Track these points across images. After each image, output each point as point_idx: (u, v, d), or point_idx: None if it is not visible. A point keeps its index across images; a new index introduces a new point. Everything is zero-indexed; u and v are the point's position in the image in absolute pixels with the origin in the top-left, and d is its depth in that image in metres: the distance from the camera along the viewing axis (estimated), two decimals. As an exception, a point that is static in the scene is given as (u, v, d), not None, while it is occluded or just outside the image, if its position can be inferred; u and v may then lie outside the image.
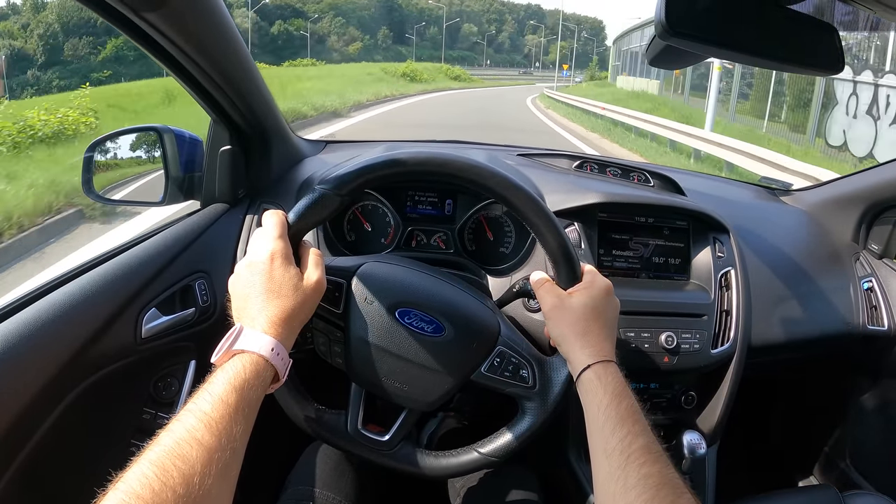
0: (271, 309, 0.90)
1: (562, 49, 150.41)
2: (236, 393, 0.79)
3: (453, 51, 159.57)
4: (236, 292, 0.96)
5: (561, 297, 1.04)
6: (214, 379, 0.81)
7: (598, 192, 1.52)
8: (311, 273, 0.97)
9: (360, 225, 1.57)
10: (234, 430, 0.76)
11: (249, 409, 0.80)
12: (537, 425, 1.06)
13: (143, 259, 1.26)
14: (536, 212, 1.04)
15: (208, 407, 0.76)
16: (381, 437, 1.11)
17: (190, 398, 0.78)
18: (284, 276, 0.93)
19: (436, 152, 1.05)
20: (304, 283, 0.95)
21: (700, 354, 1.43)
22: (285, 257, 0.95)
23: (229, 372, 0.81)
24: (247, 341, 0.86)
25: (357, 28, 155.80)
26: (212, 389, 0.78)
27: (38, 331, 1.01)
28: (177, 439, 0.71)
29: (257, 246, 0.97)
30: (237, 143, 1.45)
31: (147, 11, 0.92)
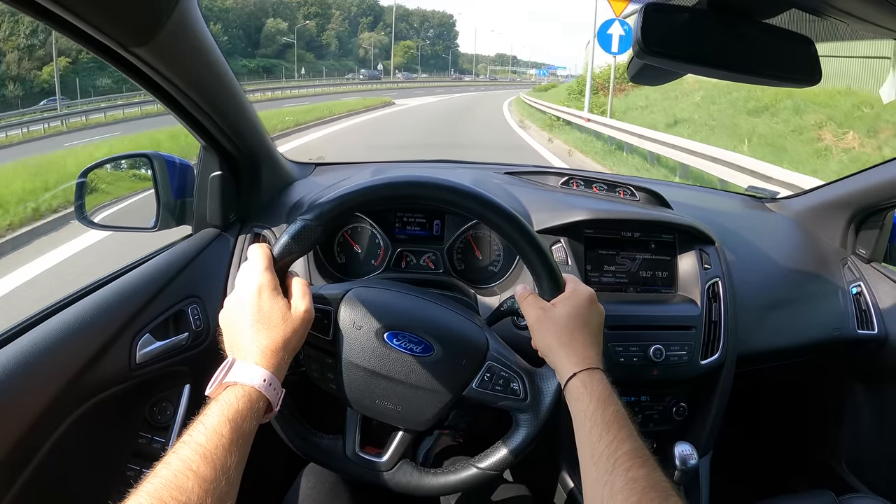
0: (262, 341, 0.92)
1: (408, 50, 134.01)
2: (230, 424, 0.80)
3: (251, 59, 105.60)
4: (227, 326, 0.98)
5: (545, 309, 1.06)
6: (209, 411, 0.83)
7: (583, 208, 1.53)
8: (299, 303, 0.98)
9: (350, 247, 1.59)
10: (229, 461, 0.78)
11: (243, 440, 0.82)
12: (532, 436, 1.07)
13: (136, 285, 1.28)
14: (514, 227, 1.05)
15: (203, 439, 0.78)
16: (379, 458, 1.12)
17: (186, 426, 0.80)
18: (273, 308, 0.95)
19: (413, 176, 1.07)
20: (293, 313, 0.97)
21: (689, 366, 1.44)
22: (272, 289, 0.97)
23: (223, 404, 0.83)
24: (239, 374, 0.88)
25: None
26: (206, 421, 0.80)
27: (33, 358, 1.02)
28: (174, 471, 0.73)
29: (244, 280, 0.99)
30: (227, 168, 1.47)
31: (135, 47, 0.93)
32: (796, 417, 2.18)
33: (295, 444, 1.12)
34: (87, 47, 0.91)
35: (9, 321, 1.10)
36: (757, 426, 2.27)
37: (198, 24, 1.03)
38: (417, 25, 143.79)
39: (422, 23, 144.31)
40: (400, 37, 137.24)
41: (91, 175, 1.53)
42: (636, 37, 0.82)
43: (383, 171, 1.81)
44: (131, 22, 0.89)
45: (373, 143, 15.39)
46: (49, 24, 0.82)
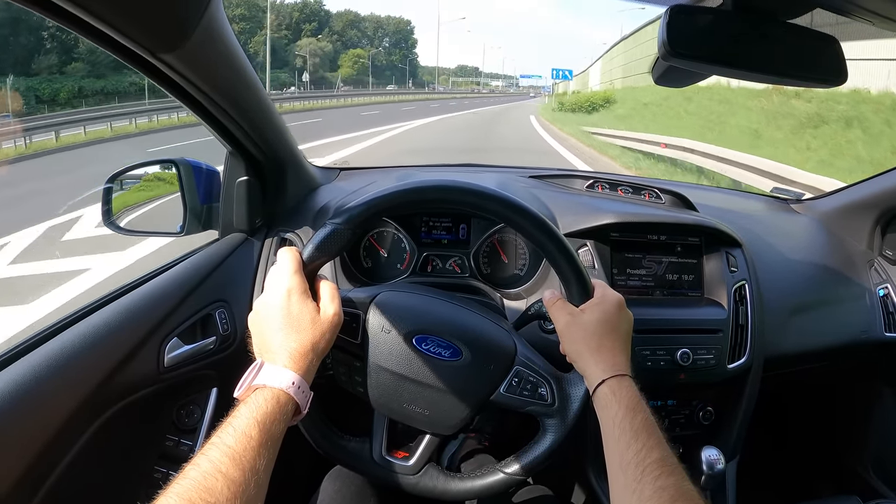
0: (291, 343, 0.92)
1: (358, 59, 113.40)
2: (259, 427, 0.81)
3: (124, 74, 49.94)
4: (256, 329, 0.98)
5: (573, 314, 1.05)
6: (238, 413, 0.83)
7: (610, 212, 1.53)
8: (328, 306, 0.99)
9: (377, 252, 1.60)
10: (258, 463, 0.78)
11: (272, 443, 0.82)
12: (559, 441, 1.08)
13: (164, 289, 1.29)
14: (543, 231, 1.05)
15: (232, 441, 0.78)
16: (406, 462, 1.13)
17: (213, 429, 0.80)
18: (302, 311, 0.95)
19: (441, 180, 1.07)
20: (322, 316, 0.97)
21: (716, 370, 1.43)
22: (302, 293, 0.97)
23: (252, 406, 0.84)
24: (268, 376, 0.89)
25: None
26: (235, 424, 0.81)
27: (63, 361, 1.04)
28: (203, 472, 0.73)
29: (274, 283, 0.99)
30: (253, 173, 1.48)
31: (164, 53, 0.94)
32: (823, 421, 2.16)
33: (322, 447, 1.13)
34: (114, 53, 0.92)
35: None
36: (783, 430, 2.25)
37: (225, 30, 1.04)
38: (371, 33, 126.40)
39: (375, 30, 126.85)
40: (350, 45, 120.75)
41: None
42: (662, 39, 0.82)
43: (409, 176, 1.82)
44: (161, 28, 0.90)
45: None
46: (77, 31, 0.83)
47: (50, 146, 16.60)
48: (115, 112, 23.46)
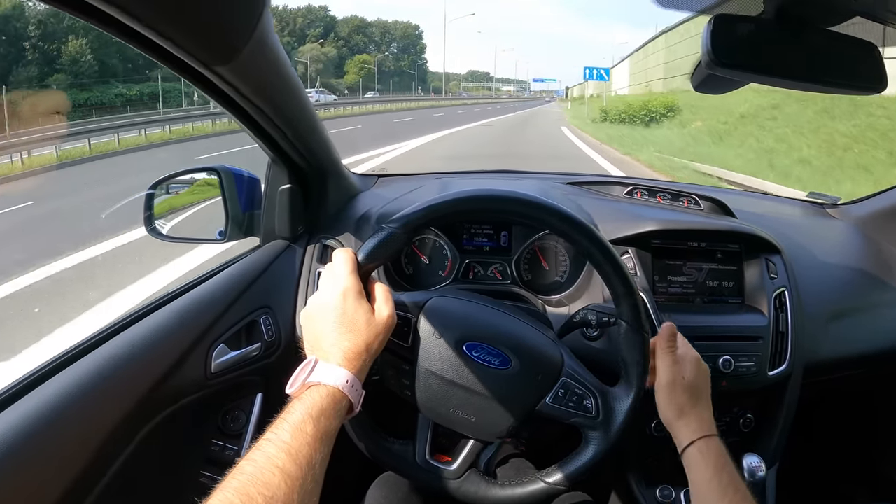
0: (345, 343, 0.93)
1: (364, 65, 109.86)
2: (314, 422, 0.82)
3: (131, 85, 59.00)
4: (309, 327, 0.99)
5: (675, 377, 1.12)
6: (292, 409, 0.84)
7: (652, 219, 1.53)
8: (382, 308, 0.99)
9: (418, 258, 1.61)
10: (314, 457, 0.79)
11: (327, 438, 0.83)
12: (601, 454, 1.08)
13: (211, 296, 1.32)
14: (598, 246, 1.07)
15: (288, 436, 0.79)
16: (449, 466, 1.14)
17: (260, 434, 0.81)
18: (357, 312, 0.96)
19: (501, 190, 1.08)
20: (377, 317, 0.98)
21: (757, 377, 1.43)
22: (357, 293, 0.98)
23: (306, 403, 0.84)
24: (322, 374, 0.89)
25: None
26: (290, 419, 0.82)
27: (115, 367, 1.06)
28: (259, 467, 0.74)
29: (329, 283, 1.00)
30: (296, 181, 1.50)
31: (217, 65, 0.97)
32: (860, 429, 2.13)
33: (367, 449, 1.14)
34: (167, 65, 0.94)
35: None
36: (820, 437, 2.23)
37: (275, 43, 1.06)
38: (378, 38, 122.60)
39: (383, 35, 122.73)
40: (356, 50, 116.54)
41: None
42: (706, 48, 0.83)
43: (449, 184, 1.82)
44: (216, 42, 0.92)
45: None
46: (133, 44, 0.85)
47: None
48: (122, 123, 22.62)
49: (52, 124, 21.15)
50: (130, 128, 20.92)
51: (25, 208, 10.62)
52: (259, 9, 0.94)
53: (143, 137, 20.07)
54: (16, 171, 14.57)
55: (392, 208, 1.58)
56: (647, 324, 1.11)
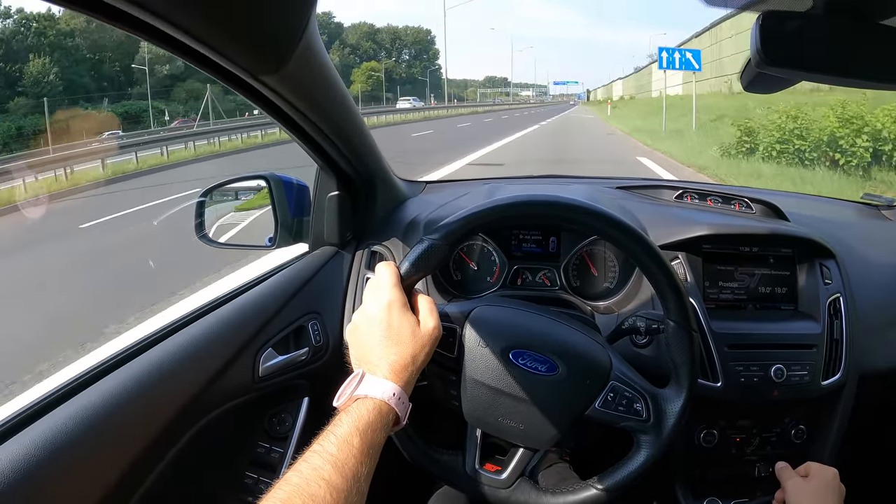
0: (391, 356, 0.94)
1: (372, 73, 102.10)
2: (360, 435, 0.82)
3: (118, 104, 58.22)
4: (355, 341, 1.00)
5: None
6: (339, 422, 0.85)
7: (702, 224, 1.51)
8: (427, 320, 0.99)
9: (466, 264, 1.61)
10: (360, 470, 0.79)
11: (373, 451, 0.84)
12: (653, 458, 1.07)
13: (260, 301, 1.34)
14: (649, 253, 1.06)
15: (334, 448, 0.79)
16: (499, 475, 1.13)
17: (306, 437, 0.82)
18: (402, 324, 0.97)
19: (539, 195, 1.08)
20: (422, 329, 0.98)
21: (810, 386, 1.39)
22: (402, 306, 0.99)
23: (353, 415, 0.85)
24: (369, 387, 0.90)
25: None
26: (337, 432, 0.82)
27: (166, 370, 1.09)
28: (305, 479, 0.75)
29: (374, 296, 1.01)
30: (344, 188, 1.52)
31: (264, 75, 0.98)
32: None
33: (416, 460, 1.14)
34: (214, 75, 0.96)
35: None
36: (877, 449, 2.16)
37: (321, 51, 1.08)
38: (389, 45, 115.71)
39: (393, 41, 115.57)
40: (365, 58, 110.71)
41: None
42: (755, 47, 0.81)
43: (497, 189, 1.82)
44: (263, 52, 0.94)
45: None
46: (180, 55, 0.87)
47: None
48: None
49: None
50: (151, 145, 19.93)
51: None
52: (305, 17, 0.95)
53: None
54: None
55: (440, 214, 1.59)
56: (696, 324, 1.09)
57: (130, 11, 0.71)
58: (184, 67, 58.18)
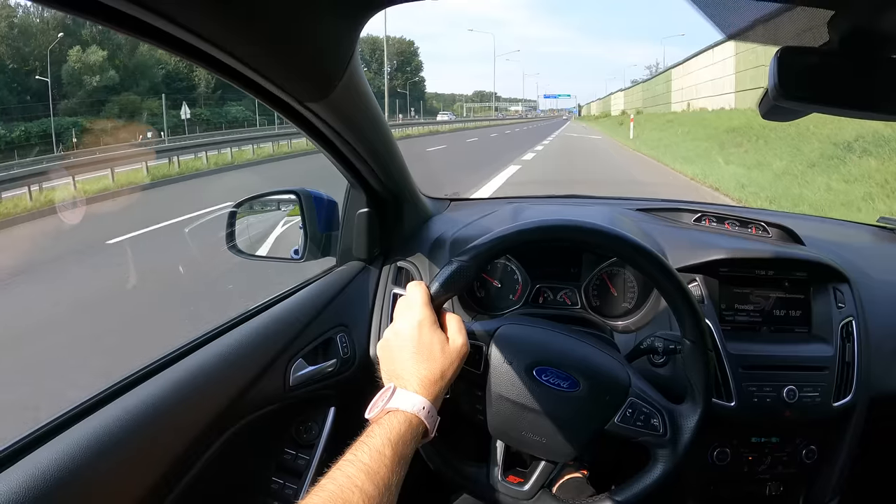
0: (422, 371, 0.98)
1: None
2: (392, 447, 0.87)
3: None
4: (387, 356, 1.05)
5: None
6: (372, 433, 0.89)
7: (720, 248, 1.54)
8: (456, 337, 1.04)
9: (490, 283, 1.65)
10: (391, 479, 0.83)
11: (403, 462, 0.88)
12: (669, 471, 1.10)
13: (291, 313, 1.39)
14: (664, 274, 1.10)
15: (367, 458, 0.84)
16: (521, 487, 1.16)
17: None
18: (433, 341, 1.01)
19: (564, 220, 1.13)
20: (451, 346, 1.03)
21: (821, 408, 1.41)
22: (432, 324, 1.03)
23: (386, 428, 0.90)
24: (401, 401, 0.95)
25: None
26: (370, 443, 0.87)
27: (202, 377, 1.13)
28: (339, 486, 0.79)
29: (405, 315, 1.05)
30: (374, 205, 1.56)
31: (310, 102, 1.04)
32: None
33: (442, 471, 1.18)
34: (261, 100, 1.01)
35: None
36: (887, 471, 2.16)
37: (362, 79, 1.13)
38: (368, 56, 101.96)
39: (373, 52, 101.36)
40: None
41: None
42: (773, 81, 0.83)
43: (521, 210, 1.84)
44: (311, 82, 1.00)
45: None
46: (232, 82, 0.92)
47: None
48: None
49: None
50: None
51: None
52: (351, 48, 1.00)
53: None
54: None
55: (466, 234, 1.63)
56: (711, 343, 1.13)
57: (192, 42, 0.76)
58: (118, 79, 53.99)
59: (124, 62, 57.00)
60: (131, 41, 53.45)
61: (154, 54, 57.14)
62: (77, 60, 51.75)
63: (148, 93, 56.98)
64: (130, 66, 57.67)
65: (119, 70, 55.33)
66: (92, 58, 52.15)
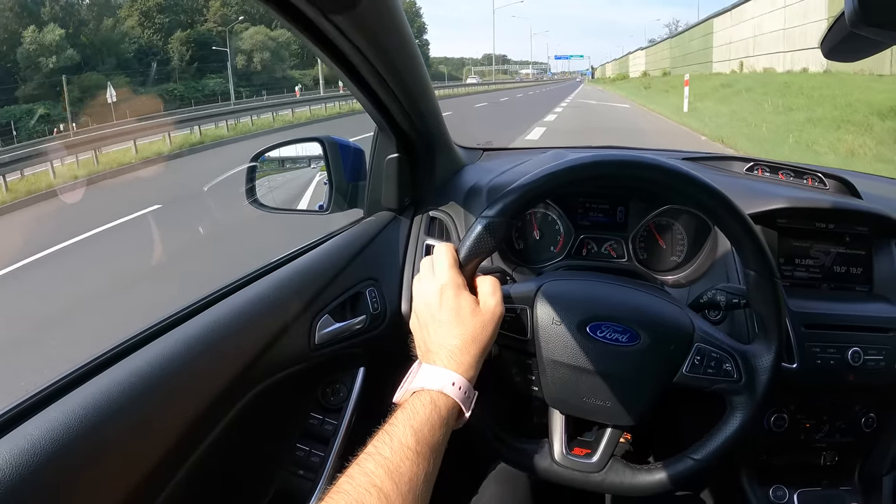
0: (450, 340, 0.89)
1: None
2: (415, 435, 0.78)
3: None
4: (415, 330, 0.97)
5: None
6: (394, 420, 0.81)
7: (780, 196, 1.44)
8: (487, 299, 0.94)
9: (530, 233, 1.56)
10: (416, 473, 0.75)
11: (430, 450, 0.79)
12: (749, 419, 1.02)
13: (316, 266, 1.30)
14: (724, 205, 1.02)
15: (388, 451, 0.76)
16: (589, 459, 1.08)
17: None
18: (459, 305, 0.92)
19: (596, 156, 1.03)
20: (482, 308, 0.93)
21: (885, 373, 1.32)
22: (456, 287, 0.94)
23: (408, 412, 0.81)
24: (425, 378, 0.86)
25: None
26: (392, 431, 0.78)
27: (217, 335, 1.05)
28: (356, 485, 0.71)
29: (427, 283, 0.97)
30: (404, 150, 1.47)
31: (335, 14, 0.93)
32: None
33: (502, 454, 1.10)
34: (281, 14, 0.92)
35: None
36: None
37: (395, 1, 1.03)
38: None
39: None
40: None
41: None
42: (852, 6, 0.73)
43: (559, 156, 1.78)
44: None
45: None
46: None
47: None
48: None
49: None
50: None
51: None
52: None
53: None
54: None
55: (504, 180, 1.54)
56: (779, 272, 1.04)
57: None
58: (79, 59, 49.80)
59: (91, 38, 54.97)
60: (96, 16, 55.37)
61: (121, 28, 56.11)
62: (32, 42, 48.78)
63: (115, 70, 54.55)
64: (97, 42, 55.33)
65: (84, 48, 52.94)
66: (48, 37, 48.80)
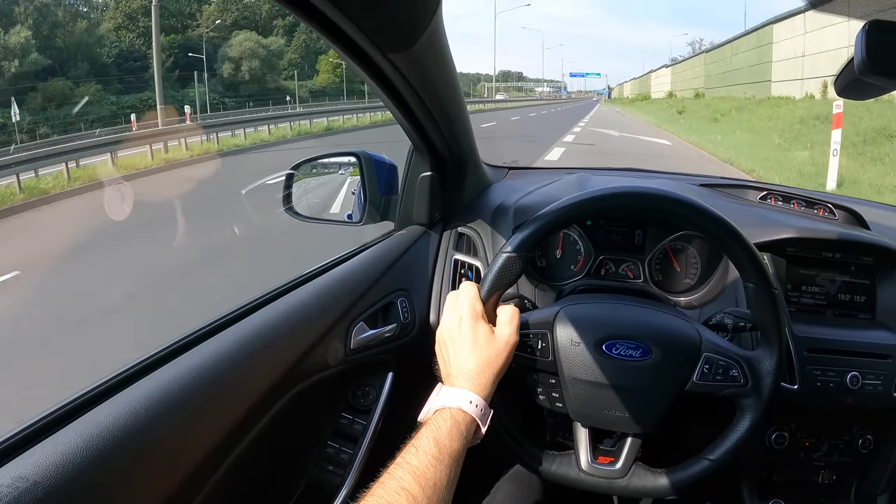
0: (466, 364, 1.01)
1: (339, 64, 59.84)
2: (437, 445, 0.88)
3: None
4: (439, 356, 1.09)
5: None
6: (420, 434, 0.91)
7: (789, 226, 1.50)
8: (503, 328, 1.06)
9: (553, 251, 1.62)
10: (438, 478, 0.85)
11: (450, 459, 0.88)
12: (758, 420, 1.11)
13: (353, 275, 1.38)
14: (718, 225, 1.09)
15: (415, 460, 0.85)
16: (613, 466, 1.16)
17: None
18: (476, 334, 1.04)
19: (602, 190, 1.12)
20: (497, 336, 1.05)
21: (882, 397, 1.38)
22: (473, 318, 1.06)
23: (432, 427, 0.92)
24: (445, 398, 0.97)
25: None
26: (418, 444, 0.89)
27: (268, 335, 1.13)
28: (387, 489, 0.81)
29: (450, 312, 1.09)
30: (437, 169, 1.54)
31: (392, 53, 1.01)
32: None
33: (530, 465, 1.19)
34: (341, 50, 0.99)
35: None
36: None
37: (444, 36, 1.11)
38: None
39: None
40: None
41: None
42: (860, 54, 0.81)
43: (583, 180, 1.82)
44: (395, 30, 0.97)
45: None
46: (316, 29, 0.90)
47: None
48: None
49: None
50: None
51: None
52: (437, 1, 0.98)
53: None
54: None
55: (530, 201, 1.61)
56: (776, 283, 1.12)
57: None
58: (46, 63, 43.57)
59: (65, 41, 48.88)
60: (72, 17, 48.99)
61: (96, 31, 50.77)
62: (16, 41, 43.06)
63: (88, 76, 48.45)
64: (70, 45, 49.14)
65: (57, 52, 46.96)
66: (13, 39, 42.60)
